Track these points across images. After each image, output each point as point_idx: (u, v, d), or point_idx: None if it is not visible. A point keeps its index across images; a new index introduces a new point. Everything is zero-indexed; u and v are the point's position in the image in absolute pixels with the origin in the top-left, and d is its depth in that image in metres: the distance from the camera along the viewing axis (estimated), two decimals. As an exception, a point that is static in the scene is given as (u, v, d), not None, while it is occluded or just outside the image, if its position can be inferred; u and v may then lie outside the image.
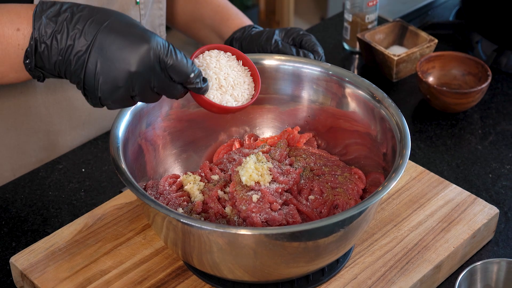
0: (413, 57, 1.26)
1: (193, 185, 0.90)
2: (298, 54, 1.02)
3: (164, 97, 0.92)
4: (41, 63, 0.77)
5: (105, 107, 0.80)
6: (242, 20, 1.13)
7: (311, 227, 0.76)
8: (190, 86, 0.80)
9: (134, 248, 0.90)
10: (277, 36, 1.04)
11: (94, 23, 0.76)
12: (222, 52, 0.85)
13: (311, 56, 1.02)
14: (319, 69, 0.95)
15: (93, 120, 1.12)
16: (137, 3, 1.07)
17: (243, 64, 0.86)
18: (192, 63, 0.79)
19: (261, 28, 1.10)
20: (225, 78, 0.84)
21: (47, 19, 0.76)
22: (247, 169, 0.87)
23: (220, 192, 0.88)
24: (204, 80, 0.81)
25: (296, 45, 1.05)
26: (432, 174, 1.01)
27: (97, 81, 0.76)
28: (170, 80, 0.78)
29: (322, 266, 0.85)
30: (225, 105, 0.83)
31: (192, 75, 0.79)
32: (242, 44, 1.08)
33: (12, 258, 0.89)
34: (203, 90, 0.81)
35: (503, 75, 1.29)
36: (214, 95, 0.83)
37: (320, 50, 1.04)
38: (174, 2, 1.19)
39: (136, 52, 0.75)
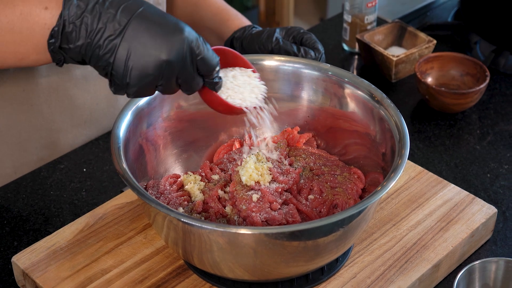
0: (412, 58, 1.27)
1: (194, 184, 0.90)
2: (299, 51, 1.02)
3: (164, 97, 0.93)
4: (66, 44, 0.76)
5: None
6: (241, 20, 1.14)
7: (311, 226, 0.76)
8: (209, 80, 0.80)
9: (135, 247, 0.91)
10: (278, 34, 1.05)
11: (127, 9, 0.75)
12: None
13: (312, 53, 1.03)
14: (318, 69, 0.96)
15: (95, 119, 1.12)
16: None
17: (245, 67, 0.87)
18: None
19: (261, 28, 1.10)
20: (233, 79, 0.85)
21: (78, 0, 0.75)
22: (247, 169, 0.87)
23: (220, 192, 0.89)
24: (220, 76, 0.81)
25: (297, 43, 1.05)
26: (430, 174, 1.01)
27: (127, 67, 0.75)
28: (196, 71, 0.79)
29: (322, 265, 0.85)
30: (235, 105, 0.84)
31: (217, 68, 0.80)
32: (243, 43, 1.08)
33: (14, 257, 0.90)
34: (218, 86, 0.81)
35: (501, 75, 1.29)
36: (225, 95, 0.84)
37: (321, 47, 1.04)
38: (173, 5, 1.19)
39: (170, 41, 0.75)
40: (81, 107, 1.09)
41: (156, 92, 0.88)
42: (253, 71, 0.87)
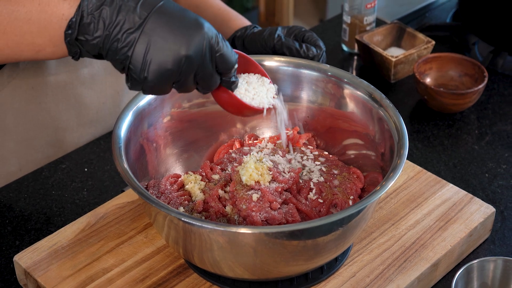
0: (410, 59, 1.27)
1: (194, 184, 0.90)
2: (301, 48, 1.02)
3: (165, 97, 0.93)
4: (83, 35, 0.75)
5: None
6: (242, 21, 1.14)
7: (310, 225, 0.77)
8: (227, 78, 0.80)
9: (136, 246, 0.91)
10: (279, 31, 1.05)
11: (147, 3, 0.74)
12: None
13: (314, 49, 1.02)
14: (318, 70, 0.96)
15: (101, 118, 1.12)
16: None
17: (254, 71, 0.88)
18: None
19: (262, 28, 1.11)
20: (247, 84, 0.86)
21: None
22: (247, 168, 0.87)
23: (220, 192, 0.89)
24: (236, 76, 0.81)
25: (299, 41, 1.06)
26: (429, 173, 1.02)
27: (146, 61, 0.74)
28: (214, 69, 0.78)
29: (321, 264, 0.85)
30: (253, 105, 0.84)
31: (236, 66, 0.79)
32: (244, 42, 1.08)
33: (15, 256, 0.90)
34: (235, 85, 0.81)
35: (499, 76, 1.30)
36: (239, 96, 0.84)
37: (322, 45, 1.04)
38: None
39: (191, 36, 0.74)
40: (88, 106, 1.10)
41: None
42: (266, 77, 0.87)
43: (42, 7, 0.75)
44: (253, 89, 0.86)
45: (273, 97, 0.88)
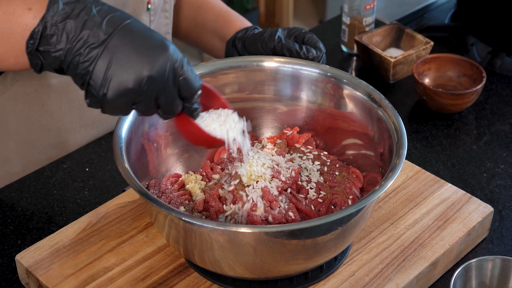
0: (409, 59, 1.27)
1: (195, 184, 0.91)
2: (301, 49, 1.03)
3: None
4: (45, 46, 0.73)
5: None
6: (243, 22, 1.14)
7: (310, 225, 0.77)
8: (189, 104, 0.78)
9: (137, 245, 0.91)
10: (280, 33, 1.05)
11: (114, 19, 0.73)
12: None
13: (313, 51, 1.03)
14: (317, 70, 0.96)
15: (103, 120, 1.13)
16: (148, 9, 1.08)
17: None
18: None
19: (262, 29, 1.11)
20: (210, 113, 0.83)
21: (64, 4, 0.72)
22: (247, 168, 0.87)
23: (220, 191, 0.89)
24: (198, 103, 0.79)
25: (299, 42, 1.06)
26: (428, 173, 1.02)
27: (106, 77, 0.72)
28: (177, 93, 0.76)
29: (321, 263, 0.86)
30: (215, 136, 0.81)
31: (199, 92, 0.77)
32: (245, 43, 1.08)
33: (17, 255, 0.90)
34: (197, 113, 0.79)
35: (498, 76, 1.30)
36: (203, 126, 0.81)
37: (322, 46, 1.04)
38: (177, 9, 1.20)
39: (155, 57, 0.73)
40: (90, 108, 1.10)
41: None
42: (229, 108, 0.84)
43: (6, 16, 0.74)
44: (217, 121, 0.83)
45: (241, 130, 0.84)
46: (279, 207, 0.86)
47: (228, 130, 0.83)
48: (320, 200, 0.89)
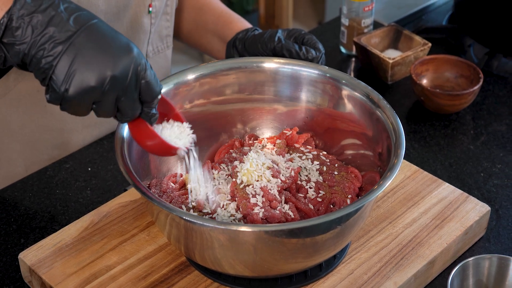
0: (407, 60, 1.28)
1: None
2: (300, 50, 1.03)
3: (167, 98, 0.94)
4: (10, 38, 0.72)
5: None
6: (244, 23, 1.15)
7: (309, 224, 0.77)
8: (148, 109, 0.78)
9: (139, 244, 0.91)
10: (280, 34, 1.06)
11: (81, 17, 0.73)
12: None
13: (313, 52, 1.03)
14: (316, 71, 0.96)
15: (105, 120, 1.13)
16: (149, 12, 1.09)
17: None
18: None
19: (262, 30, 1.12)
20: (165, 123, 0.84)
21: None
22: (247, 168, 0.88)
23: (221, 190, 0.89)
24: (156, 109, 0.79)
25: (298, 43, 1.06)
26: (426, 173, 1.02)
27: (69, 74, 0.72)
28: (137, 96, 0.76)
29: (320, 261, 0.86)
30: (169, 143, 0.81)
31: (159, 96, 0.78)
32: (245, 44, 1.08)
33: (20, 254, 0.90)
34: (154, 118, 0.79)
35: (494, 77, 1.30)
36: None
37: (321, 47, 1.04)
38: (179, 11, 1.20)
39: (119, 58, 0.73)
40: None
41: None
42: (181, 121, 0.85)
43: None
44: (170, 131, 0.83)
45: (190, 142, 0.84)
46: (278, 206, 0.87)
47: (180, 141, 0.83)
48: (319, 200, 0.90)
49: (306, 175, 0.93)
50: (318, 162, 0.95)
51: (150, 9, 1.09)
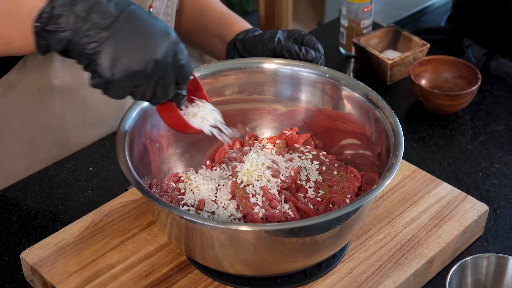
0: (406, 61, 1.28)
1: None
2: (300, 50, 1.04)
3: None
4: (53, 26, 0.74)
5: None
6: (244, 24, 1.15)
7: (309, 223, 0.77)
8: (179, 91, 0.80)
9: (140, 243, 0.92)
10: (280, 35, 1.07)
11: (120, 4, 0.75)
12: None
13: (312, 52, 1.03)
14: (316, 72, 0.97)
15: (105, 120, 1.13)
16: (150, 12, 1.09)
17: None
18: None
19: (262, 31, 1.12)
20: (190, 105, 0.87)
21: None
22: (247, 167, 0.88)
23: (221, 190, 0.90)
24: (185, 90, 0.81)
25: (298, 43, 1.07)
26: (424, 173, 1.02)
27: (114, 59, 0.74)
28: (174, 78, 0.78)
29: (319, 261, 0.86)
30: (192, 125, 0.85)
31: (191, 77, 0.80)
32: (245, 45, 1.08)
33: (22, 253, 0.90)
34: (183, 100, 0.81)
35: (493, 78, 1.30)
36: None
37: (321, 48, 1.05)
38: (179, 12, 1.20)
39: (160, 42, 0.75)
40: (93, 108, 1.10)
41: None
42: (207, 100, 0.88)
43: None
44: (200, 113, 0.86)
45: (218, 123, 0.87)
46: (278, 206, 0.87)
47: (206, 122, 0.86)
48: (319, 199, 0.90)
49: (306, 175, 0.94)
50: (317, 162, 0.95)
51: (151, 9, 1.09)
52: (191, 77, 0.81)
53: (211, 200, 0.88)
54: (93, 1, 0.74)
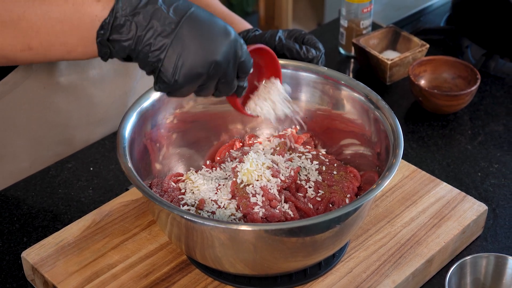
0: (405, 61, 1.28)
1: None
2: (301, 49, 1.04)
3: (168, 99, 0.95)
4: (116, 35, 0.75)
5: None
6: (244, 24, 1.15)
7: (309, 223, 0.77)
8: (241, 83, 0.82)
9: (140, 243, 0.92)
10: (280, 34, 1.07)
11: (179, 9, 0.76)
12: None
13: (313, 51, 1.04)
14: (316, 72, 0.97)
15: (109, 118, 1.14)
16: None
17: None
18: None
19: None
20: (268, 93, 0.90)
21: None
22: (247, 167, 0.88)
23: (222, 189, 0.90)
24: (246, 81, 0.83)
25: (299, 43, 1.07)
26: (424, 172, 1.02)
27: (177, 65, 0.75)
28: (235, 75, 0.80)
29: (319, 260, 0.86)
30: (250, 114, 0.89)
31: (251, 71, 0.81)
32: (246, 44, 1.10)
33: (23, 252, 0.91)
34: (244, 91, 0.83)
35: (492, 78, 1.30)
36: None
37: (321, 47, 1.05)
38: None
39: (220, 43, 0.76)
40: (97, 105, 1.11)
41: (159, 93, 0.90)
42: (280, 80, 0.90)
43: (76, 7, 0.76)
44: (269, 102, 0.90)
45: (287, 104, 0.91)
46: (278, 206, 0.87)
47: (269, 110, 0.90)
48: (319, 199, 0.90)
49: (306, 175, 0.94)
50: (317, 162, 0.95)
51: None
52: (251, 71, 0.81)
53: (211, 200, 0.89)
54: (153, 8, 0.75)
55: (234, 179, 0.89)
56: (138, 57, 0.77)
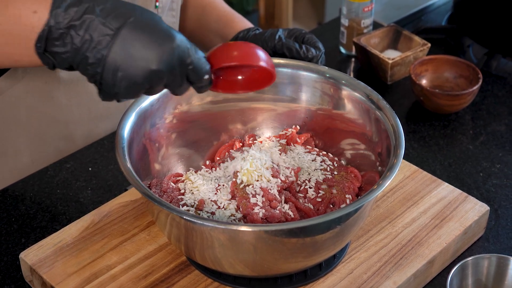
0: (407, 61, 1.28)
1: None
2: (300, 48, 1.04)
3: (167, 99, 0.95)
4: (53, 48, 0.74)
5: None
6: (245, 23, 1.16)
7: (309, 223, 0.77)
8: (198, 85, 0.80)
9: (139, 244, 0.92)
10: (280, 33, 1.07)
11: (117, 18, 0.73)
12: None
13: (313, 50, 1.03)
14: (316, 72, 0.97)
15: (111, 114, 1.14)
16: (156, 7, 1.10)
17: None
18: (208, 64, 0.79)
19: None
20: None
21: (67, 6, 0.73)
22: (247, 168, 0.88)
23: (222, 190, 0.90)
24: (209, 81, 0.80)
25: (299, 42, 1.07)
26: (425, 173, 1.02)
27: (116, 77, 0.74)
28: (184, 79, 0.78)
29: (320, 261, 0.86)
30: None
31: (206, 76, 0.79)
32: None
33: (21, 253, 0.91)
34: (205, 90, 0.81)
35: (493, 77, 1.30)
36: None
37: (321, 46, 1.05)
38: (183, 10, 1.21)
39: (160, 51, 0.74)
40: (98, 101, 1.10)
41: (159, 94, 0.90)
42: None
43: (14, 20, 0.74)
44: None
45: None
46: (278, 206, 0.87)
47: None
48: (319, 199, 0.90)
49: (306, 175, 0.94)
50: (317, 162, 0.95)
51: (157, 4, 1.09)
52: (206, 77, 0.79)
53: (211, 200, 0.89)
54: (90, 19, 0.73)
55: (234, 179, 0.89)
56: (79, 69, 0.75)
